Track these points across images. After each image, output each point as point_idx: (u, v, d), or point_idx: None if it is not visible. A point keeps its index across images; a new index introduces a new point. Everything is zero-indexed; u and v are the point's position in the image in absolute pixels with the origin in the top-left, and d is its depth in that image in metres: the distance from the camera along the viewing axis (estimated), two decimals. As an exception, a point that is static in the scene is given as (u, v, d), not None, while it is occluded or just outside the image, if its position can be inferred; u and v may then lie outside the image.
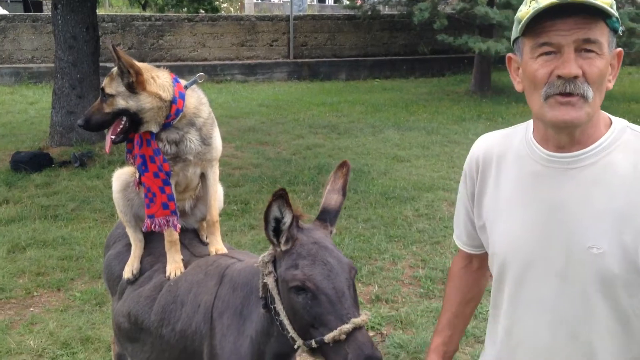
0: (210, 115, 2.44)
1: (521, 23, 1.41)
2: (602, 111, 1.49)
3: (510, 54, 1.55)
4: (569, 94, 1.36)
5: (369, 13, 15.13)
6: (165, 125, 2.30)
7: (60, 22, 7.96)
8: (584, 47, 1.35)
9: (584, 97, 1.36)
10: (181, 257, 2.41)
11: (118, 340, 2.68)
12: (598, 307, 1.43)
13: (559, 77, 1.36)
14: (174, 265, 2.37)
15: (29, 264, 4.87)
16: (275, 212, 1.73)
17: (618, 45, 1.45)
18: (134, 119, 2.26)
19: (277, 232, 1.76)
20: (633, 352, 1.47)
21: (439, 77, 15.78)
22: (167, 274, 2.36)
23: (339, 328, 1.61)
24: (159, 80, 2.27)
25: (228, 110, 11.26)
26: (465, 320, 1.88)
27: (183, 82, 2.39)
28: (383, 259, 5.01)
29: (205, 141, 2.39)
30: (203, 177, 2.51)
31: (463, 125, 10.26)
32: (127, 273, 2.47)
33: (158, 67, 2.41)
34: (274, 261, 1.83)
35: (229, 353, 2.00)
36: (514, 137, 1.62)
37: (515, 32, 1.47)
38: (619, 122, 1.48)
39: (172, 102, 2.27)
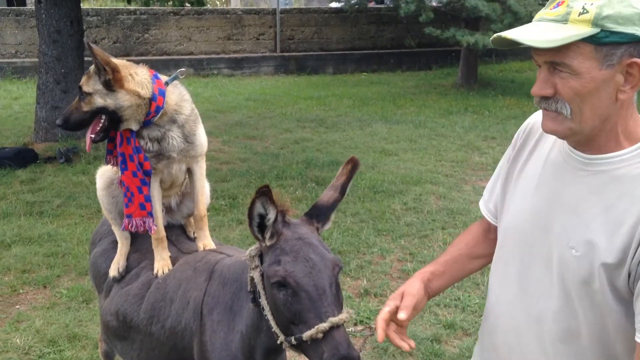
0: (193, 112, 2.39)
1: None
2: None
3: None
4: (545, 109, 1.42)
5: (356, 6, 15.09)
6: (146, 123, 2.26)
7: (44, 16, 7.86)
8: (557, 68, 1.37)
9: (562, 114, 1.39)
10: (168, 254, 2.39)
11: (107, 338, 2.66)
12: (564, 304, 1.47)
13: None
14: (162, 262, 2.35)
15: (15, 261, 4.82)
16: (259, 208, 1.72)
17: None
18: (113, 117, 2.22)
19: (262, 227, 1.75)
20: (606, 350, 1.48)
21: (426, 71, 15.80)
22: (155, 271, 2.34)
23: (316, 327, 1.61)
24: (137, 77, 2.23)
25: (215, 104, 11.20)
26: (462, 272, 1.84)
27: (164, 78, 2.35)
28: (372, 253, 5.02)
29: (188, 139, 2.35)
30: (190, 172, 2.49)
31: (450, 118, 10.28)
32: (113, 271, 2.45)
33: (143, 61, 2.37)
34: (261, 255, 1.82)
35: (220, 349, 2.00)
36: None
37: None
38: None
39: (152, 99, 2.23)
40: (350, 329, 1.74)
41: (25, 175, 6.91)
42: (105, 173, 2.58)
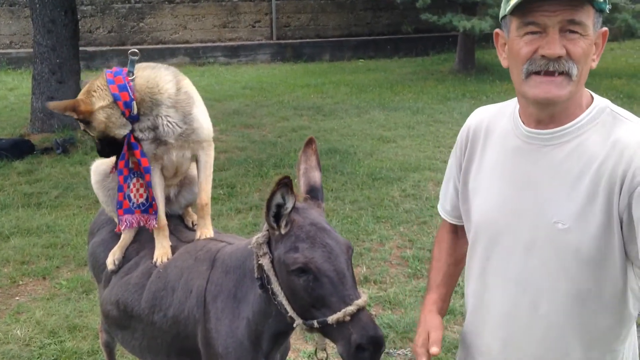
0: (180, 91, 2.33)
1: (509, 3, 1.44)
2: (586, 89, 1.53)
3: (497, 30, 1.59)
4: (552, 73, 1.41)
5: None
6: (133, 118, 2.27)
7: (38, 5, 7.80)
8: (569, 28, 1.39)
9: (568, 75, 1.41)
10: (169, 242, 2.38)
11: (107, 328, 2.66)
12: (558, 281, 1.49)
13: (543, 56, 1.41)
14: (162, 251, 2.34)
15: (14, 252, 4.81)
16: (278, 199, 1.73)
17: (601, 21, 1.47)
18: (105, 140, 2.31)
19: (277, 217, 1.77)
20: (590, 332, 1.50)
21: (423, 57, 15.73)
22: (154, 259, 2.33)
23: (342, 310, 1.64)
24: (96, 93, 2.25)
25: (211, 93, 11.14)
26: (456, 279, 1.94)
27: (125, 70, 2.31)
28: (371, 240, 5.03)
29: (185, 119, 2.31)
30: (195, 159, 2.47)
31: (448, 104, 10.26)
32: (110, 264, 2.44)
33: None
34: (269, 242, 1.83)
35: (225, 336, 2.01)
36: (505, 111, 1.67)
37: (503, 10, 1.50)
38: (600, 102, 1.51)
39: (115, 100, 2.22)
40: None
41: (23, 167, 6.89)
42: (99, 167, 2.57)
